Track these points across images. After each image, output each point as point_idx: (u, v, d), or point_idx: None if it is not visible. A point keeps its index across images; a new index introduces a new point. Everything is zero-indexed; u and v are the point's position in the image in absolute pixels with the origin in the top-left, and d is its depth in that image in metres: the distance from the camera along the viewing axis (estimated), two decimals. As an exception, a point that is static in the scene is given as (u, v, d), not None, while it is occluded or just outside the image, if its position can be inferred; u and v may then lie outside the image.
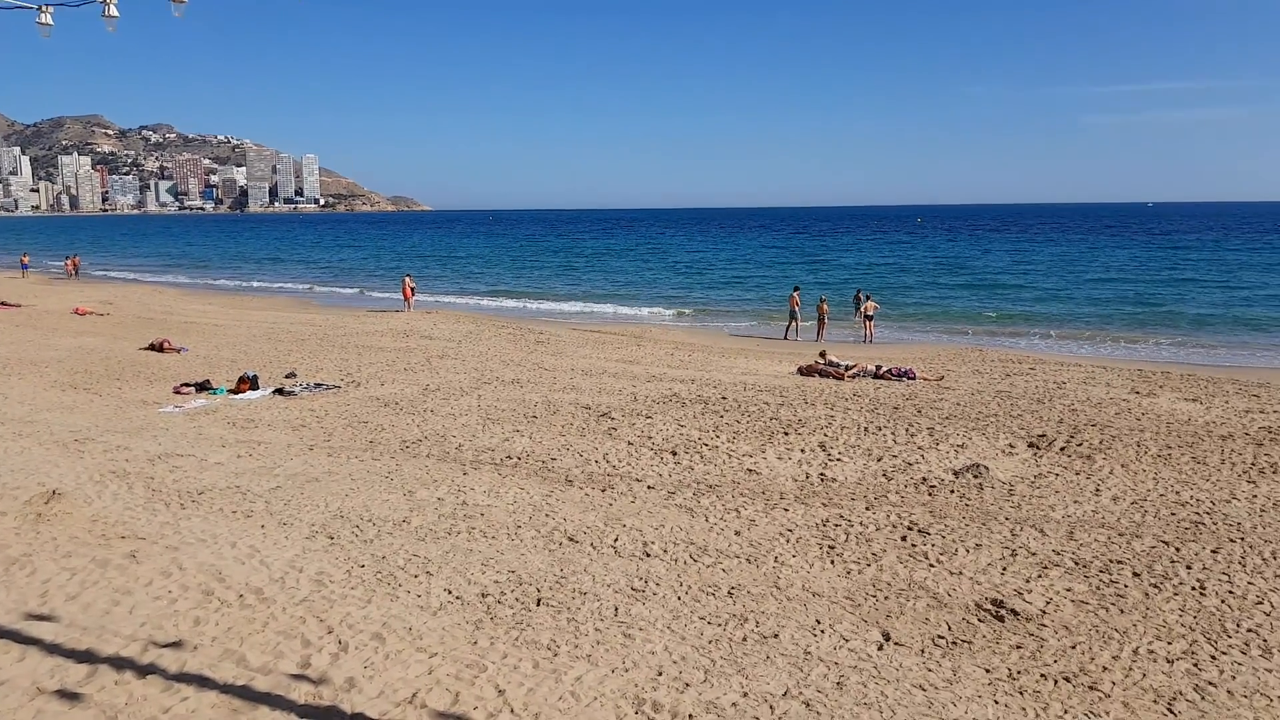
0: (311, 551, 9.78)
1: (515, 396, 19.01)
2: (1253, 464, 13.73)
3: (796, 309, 33.42)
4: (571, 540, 10.31)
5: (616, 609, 8.44)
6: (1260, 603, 8.74)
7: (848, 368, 22.98)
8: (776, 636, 7.95)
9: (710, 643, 7.81)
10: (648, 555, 9.89)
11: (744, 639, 7.89)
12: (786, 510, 11.52)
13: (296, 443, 14.84)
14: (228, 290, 56.48)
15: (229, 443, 14.77)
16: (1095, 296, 47.09)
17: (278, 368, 22.54)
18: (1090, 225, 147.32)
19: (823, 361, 23.63)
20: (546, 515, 11.19)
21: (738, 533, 10.67)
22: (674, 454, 14.24)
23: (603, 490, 12.30)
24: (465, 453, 14.29)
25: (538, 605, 8.51)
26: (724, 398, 18.91)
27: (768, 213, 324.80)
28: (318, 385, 19.95)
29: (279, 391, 19.31)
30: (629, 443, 14.94)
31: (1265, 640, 7.96)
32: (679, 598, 8.77)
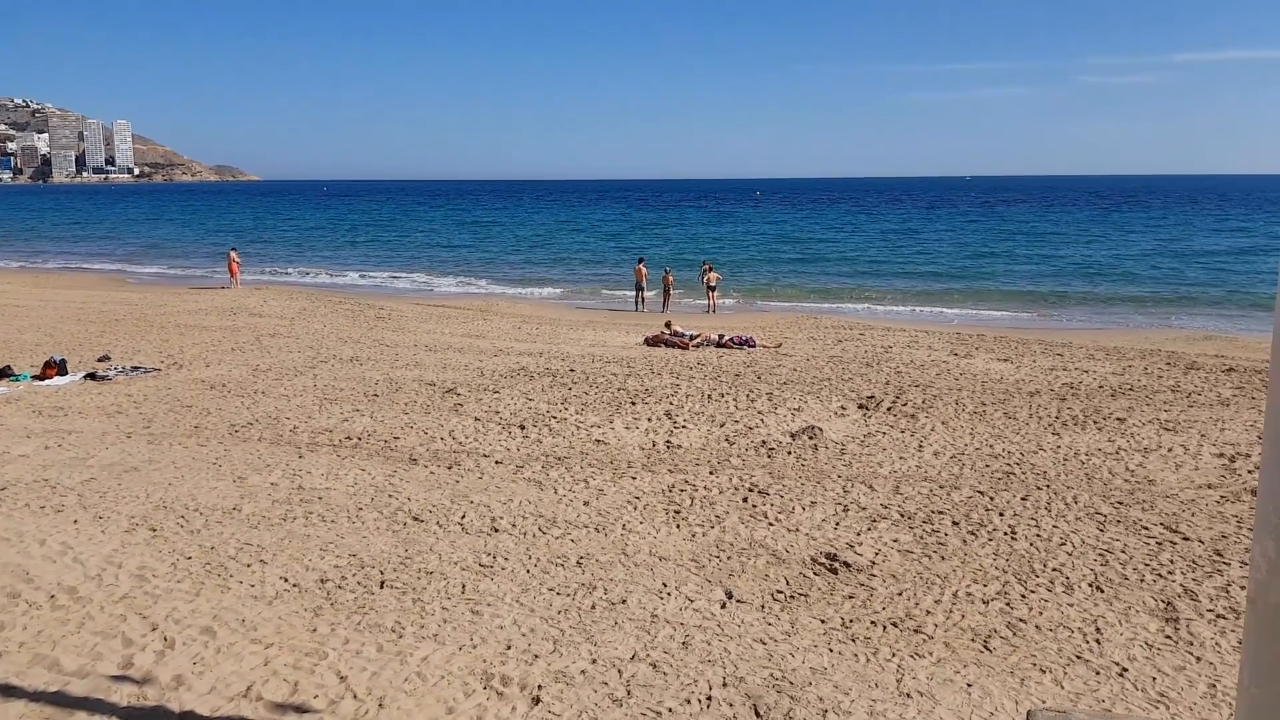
0: (132, 545, 9.19)
1: (354, 375, 18.40)
2: (1056, 417, 14.93)
3: (642, 281, 33.78)
4: (416, 520, 10.11)
5: (464, 586, 8.35)
6: (1063, 544, 9.53)
7: (692, 337, 23.45)
8: (624, 602, 8.07)
9: (559, 613, 7.84)
10: (496, 530, 9.83)
11: (593, 607, 7.97)
12: (634, 478, 11.68)
13: (112, 430, 13.86)
14: (34, 269, 51.88)
15: (35, 433, 13.65)
16: (921, 265, 49.82)
17: (89, 351, 20.95)
18: (916, 198, 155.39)
19: (668, 332, 24.02)
20: (390, 496, 10.92)
21: (586, 503, 10.74)
22: (522, 428, 14.16)
23: (449, 467, 12.10)
24: (301, 435, 13.74)
25: (381, 588, 8.32)
26: (572, 370, 18.94)
27: (605, 185, 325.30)
28: (135, 369, 18.68)
29: (91, 376, 17.97)
30: (476, 418, 14.75)
31: (1068, 578, 8.69)
32: (528, 571, 8.76)
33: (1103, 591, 8.38)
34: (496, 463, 12.35)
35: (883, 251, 58.07)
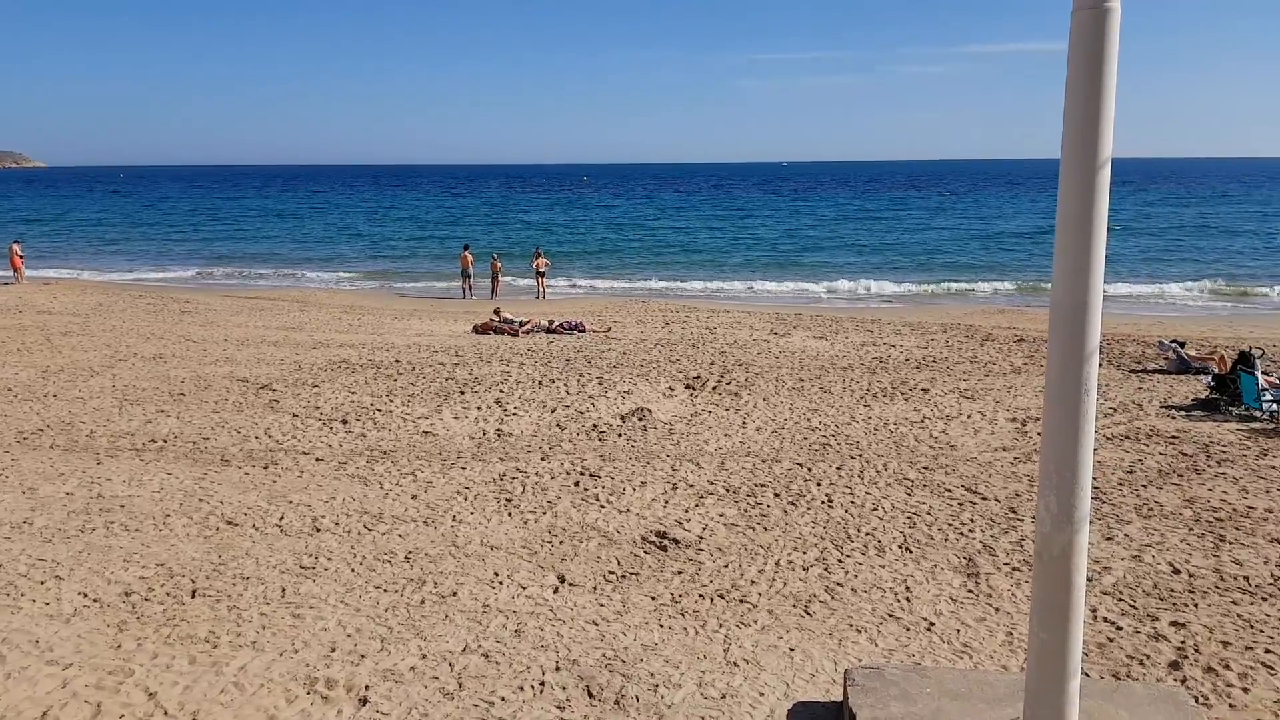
0: (-101, 571, 8.27)
1: (158, 373, 17.21)
2: (867, 390, 15.79)
3: (469, 268, 33.23)
4: (231, 524, 9.58)
5: (284, 590, 8.00)
6: (875, 509, 10.11)
7: (522, 324, 23.30)
8: (455, 594, 7.95)
9: (387, 610, 7.64)
10: (318, 530, 9.45)
11: (422, 602, 7.81)
12: (464, 469, 11.51)
13: (-128, 445, 12.41)
14: None
15: None
16: (743, 249, 51.43)
17: None
18: (742, 182, 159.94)
19: (497, 319, 23.77)
20: (200, 500, 10.30)
21: (414, 496, 10.49)
22: (344, 422, 13.67)
23: (265, 467, 11.53)
24: (99, 440, 12.74)
25: (193, 597, 7.84)
26: (397, 361, 18.43)
27: (424, 170, 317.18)
28: (-101, 375, 16.76)
29: None
30: (294, 414, 14.11)
31: (879, 541, 9.23)
32: (353, 570, 8.48)
33: (911, 552, 8.95)
34: (317, 460, 11.87)
35: (711, 235, 59.49)
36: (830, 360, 18.59)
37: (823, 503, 10.30)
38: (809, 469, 11.50)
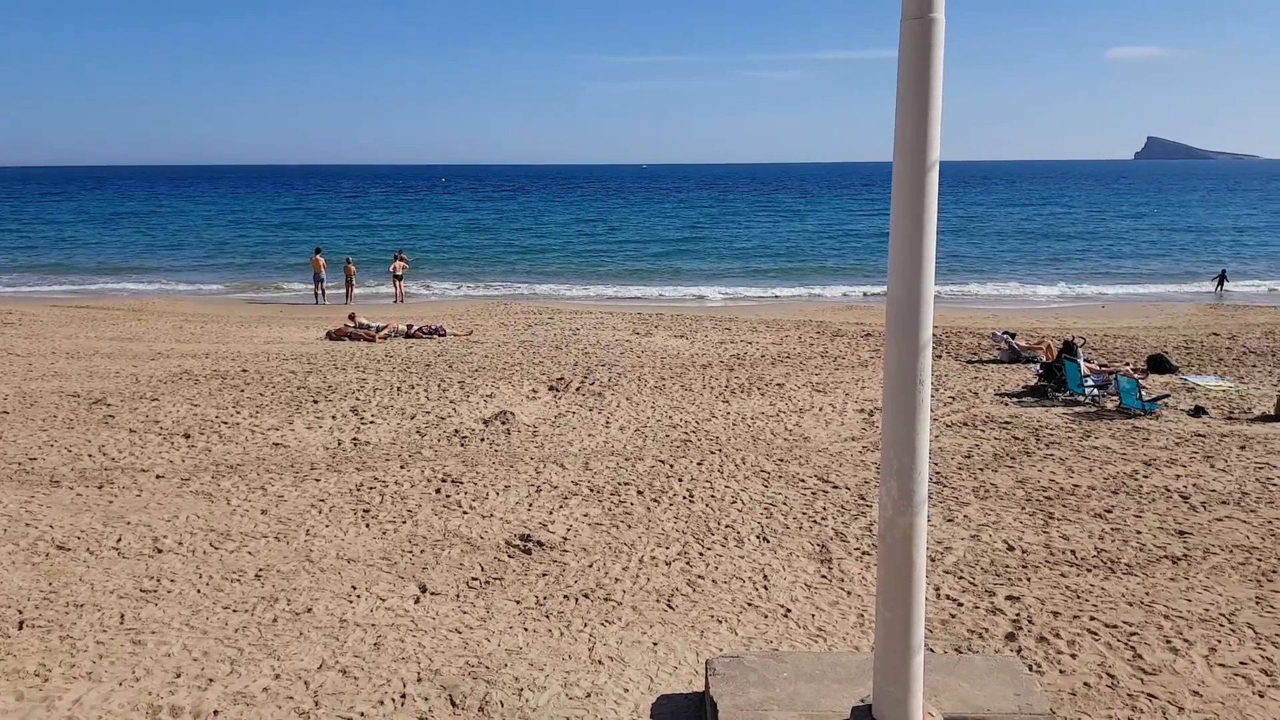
0: None
1: (-24, 390, 15.88)
2: (726, 386, 16.17)
3: (321, 272, 32.11)
4: (62, 549, 8.95)
5: (123, 616, 7.53)
6: (734, 502, 10.36)
7: (379, 329, 22.69)
8: (310, 611, 7.68)
9: (237, 631, 7.31)
10: (159, 551, 8.94)
11: (274, 620, 7.51)
12: (318, 480, 11.12)
13: None
14: None
15: None
16: (607, 251, 51.70)
17: None
18: (604, 184, 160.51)
19: (352, 324, 23.06)
20: (27, 525, 9.57)
21: (265, 511, 10.07)
22: (187, 437, 12.98)
23: (99, 487, 10.82)
24: (-94, 465, 11.66)
25: (20, 629, 7.28)
26: (244, 370, 17.63)
27: (264, 170, 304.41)
28: None
29: None
30: (131, 430, 13.30)
31: (739, 532, 9.47)
32: (199, 591, 8.06)
33: (769, 541, 9.22)
34: (157, 477, 11.22)
35: (576, 238, 59.43)
36: (691, 358, 18.93)
37: (684, 498, 10.48)
38: (671, 465, 11.67)
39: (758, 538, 9.32)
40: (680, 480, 11.09)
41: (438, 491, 10.71)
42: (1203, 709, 6.23)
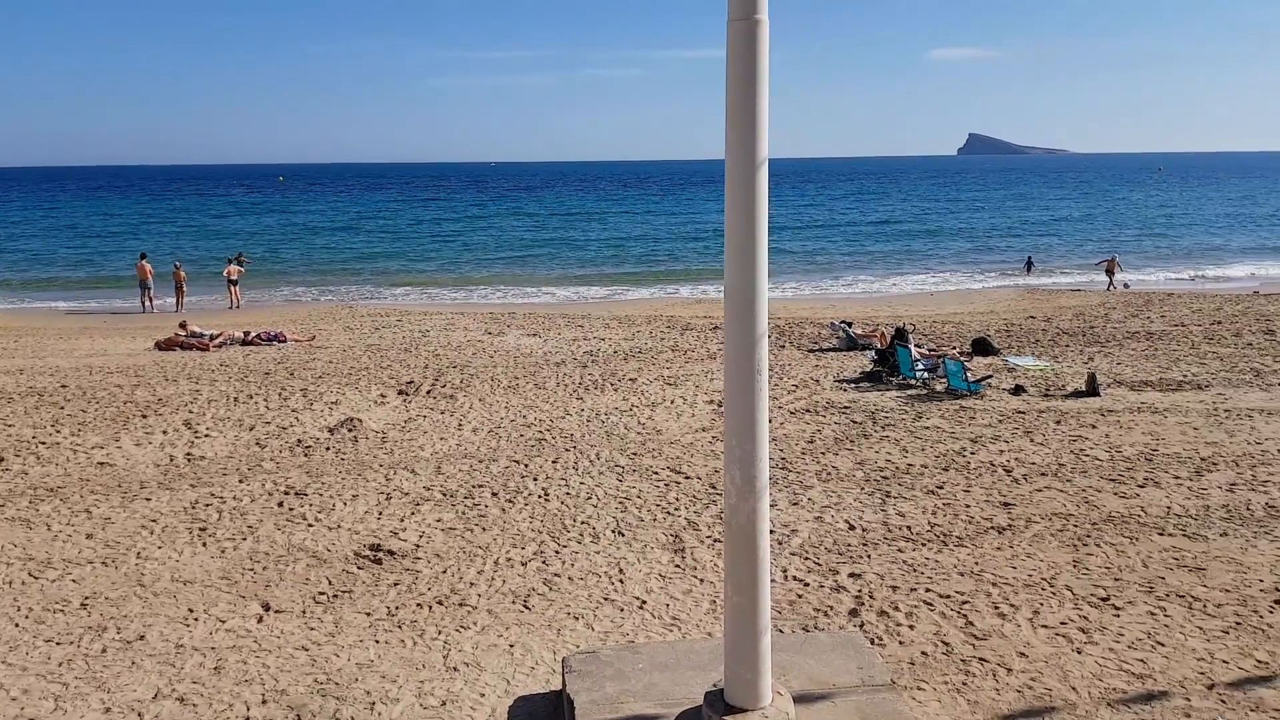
0: None
1: None
2: (580, 383, 16.21)
3: (148, 279, 30.18)
4: None
5: (-76, 659, 6.88)
6: (590, 498, 10.41)
7: (213, 337, 21.54)
8: (143, 638, 7.23)
9: (61, 665, 6.81)
10: (-33, 586, 8.21)
11: (103, 650, 7.03)
12: (149, 499, 10.47)
13: None
14: None
15: None
16: (458, 250, 50.85)
17: None
18: (451, 183, 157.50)
19: (184, 333, 21.80)
20: None
21: (90, 535, 9.41)
22: (0, 460, 11.98)
23: (-106, 520, 9.84)
24: None
25: None
26: (64, 386, 16.40)
27: (103, 172, 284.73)
28: None
29: None
30: (-70, 456, 12.15)
31: (594, 528, 9.51)
32: (17, 625, 7.47)
33: (624, 535, 9.31)
34: (-35, 505, 10.31)
35: (425, 238, 58.04)
36: (544, 356, 18.87)
37: (540, 497, 10.44)
38: (526, 465, 11.61)
39: (613, 532, 9.39)
40: (535, 479, 11.05)
41: (280, 505, 10.28)
42: (1028, 669, 6.70)
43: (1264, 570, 8.25)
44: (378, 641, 7.19)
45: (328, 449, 12.48)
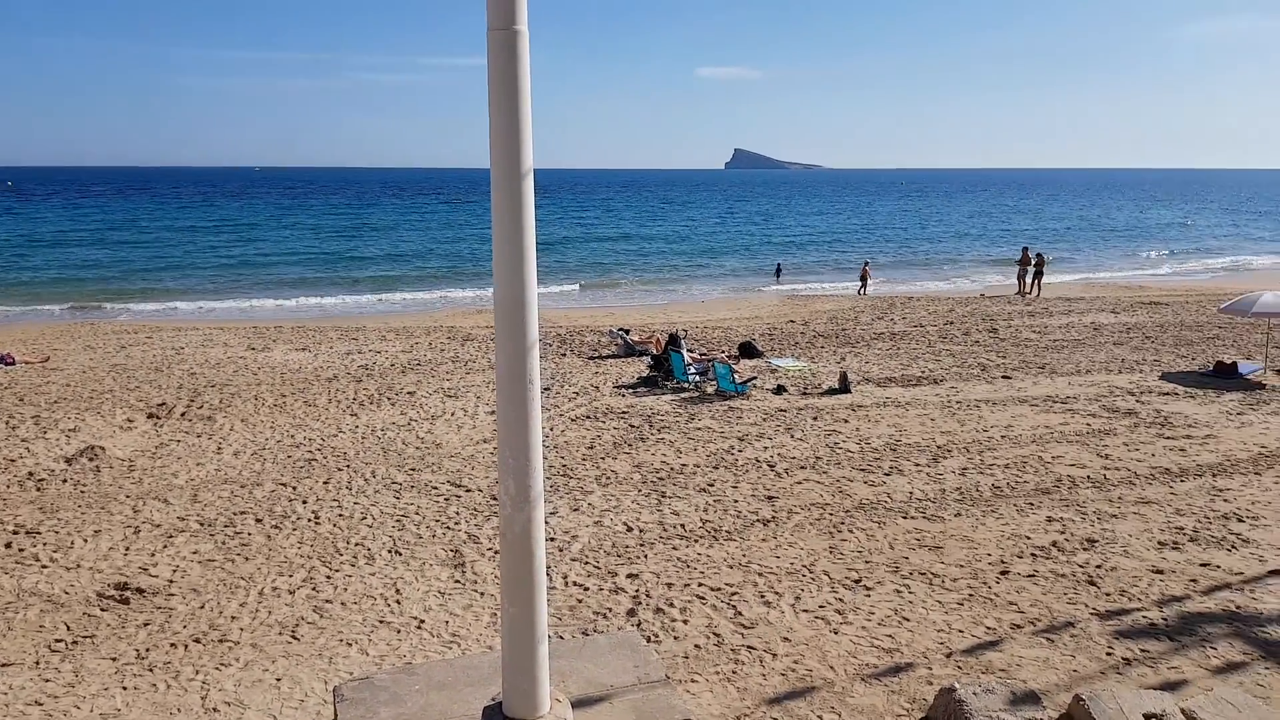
0: None
1: None
2: (354, 398, 15.61)
3: None
4: None
5: None
6: (364, 518, 10.05)
7: (-81, 361, 18.94)
8: None
9: None
10: None
11: None
12: None
13: None
14: None
15: None
16: (217, 259, 47.52)
17: None
18: (210, 189, 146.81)
19: (-120, 358, 19.02)
20: None
21: None
22: None
23: None
24: None
25: None
26: None
27: None
28: None
29: None
30: None
31: (369, 549, 9.19)
32: None
33: (401, 554, 9.06)
34: None
35: (181, 248, 53.62)
36: (314, 372, 18.02)
37: (310, 520, 9.96)
38: (294, 488, 11.04)
39: (390, 552, 9.12)
40: (305, 502, 10.52)
41: (8, 546, 9.21)
42: (791, 652, 7.13)
43: (991, 545, 9.22)
44: (125, 688, 6.59)
45: (65, 481, 11.31)
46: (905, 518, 9.97)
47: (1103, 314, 25.77)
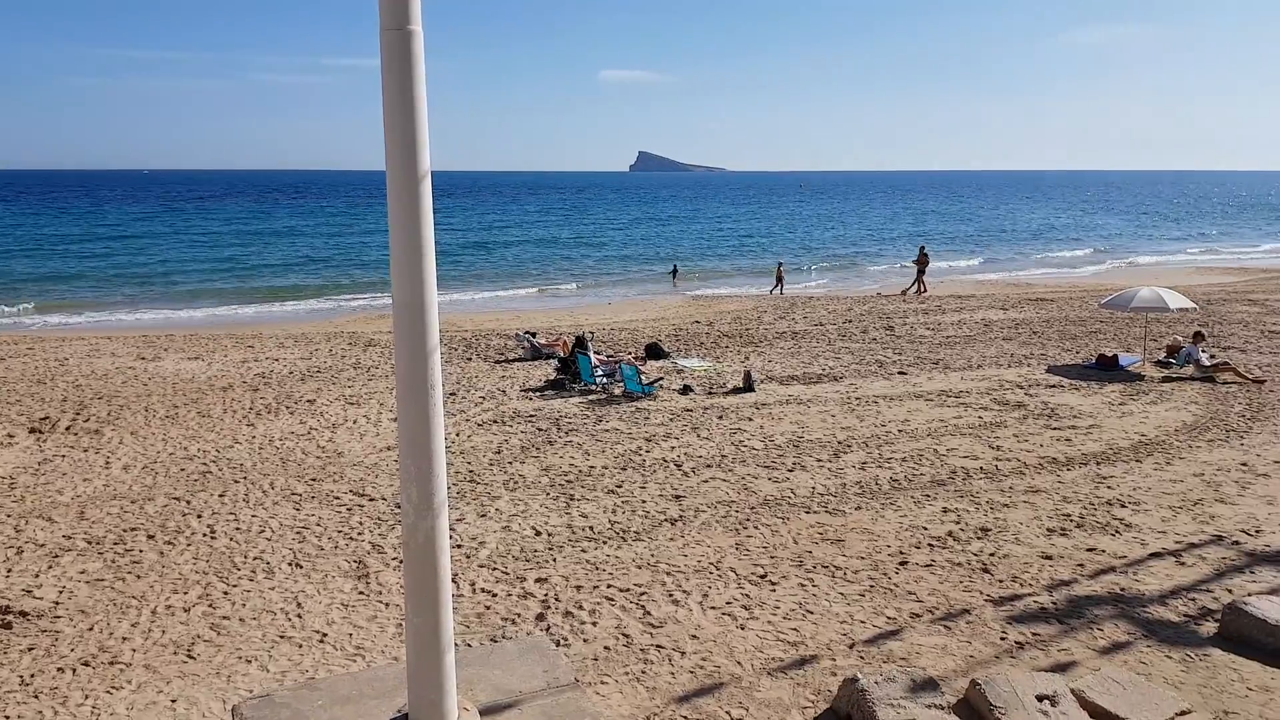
0: None
1: None
2: (251, 408, 15.13)
3: None
4: None
5: None
6: (263, 531, 9.76)
7: None
8: None
9: None
10: None
11: None
12: None
13: None
14: None
15: None
16: (99, 267, 45.41)
17: None
18: (99, 192, 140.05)
19: None
20: None
21: None
22: None
23: None
24: None
25: None
26: None
27: None
28: None
29: None
30: None
31: (268, 563, 8.93)
32: None
33: (302, 567, 8.83)
34: None
35: (59, 254, 50.94)
36: (208, 381, 17.39)
37: (205, 535, 9.62)
38: (188, 502, 10.65)
39: (290, 565, 8.88)
40: (200, 516, 10.16)
41: None
42: (700, 649, 7.22)
43: (890, 537, 9.51)
44: (8, 717, 6.26)
45: (-65, 503, 10.66)
46: (808, 512, 10.20)
47: (993, 311, 26.81)
